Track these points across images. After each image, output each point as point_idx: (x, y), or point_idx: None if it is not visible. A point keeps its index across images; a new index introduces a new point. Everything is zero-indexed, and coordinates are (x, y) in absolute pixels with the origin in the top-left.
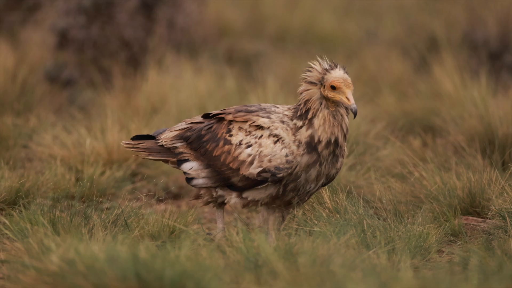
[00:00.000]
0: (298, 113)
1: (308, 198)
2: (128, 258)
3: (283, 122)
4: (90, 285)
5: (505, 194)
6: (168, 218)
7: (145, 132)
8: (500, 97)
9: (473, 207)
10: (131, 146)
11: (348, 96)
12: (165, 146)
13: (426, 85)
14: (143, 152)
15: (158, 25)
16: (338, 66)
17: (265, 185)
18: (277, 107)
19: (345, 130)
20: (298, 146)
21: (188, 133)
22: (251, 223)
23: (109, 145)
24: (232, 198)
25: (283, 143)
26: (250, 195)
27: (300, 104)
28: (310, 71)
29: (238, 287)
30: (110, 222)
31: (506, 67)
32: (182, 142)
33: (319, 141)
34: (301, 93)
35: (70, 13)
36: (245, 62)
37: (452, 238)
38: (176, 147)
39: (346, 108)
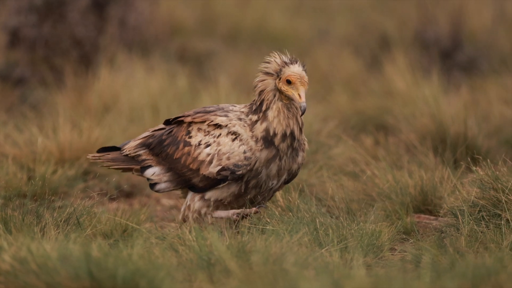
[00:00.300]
0: (254, 107)
1: (271, 196)
2: (80, 257)
3: (240, 119)
4: (43, 284)
5: (457, 192)
6: (121, 217)
7: (97, 131)
8: (451, 96)
9: (425, 205)
10: (96, 158)
11: (300, 93)
12: (129, 155)
13: (378, 84)
14: (108, 163)
15: (110, 24)
16: (298, 62)
17: (226, 183)
18: (235, 106)
19: (300, 123)
20: (256, 142)
21: (150, 140)
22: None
23: (61, 144)
24: (196, 203)
25: (241, 140)
26: (213, 195)
27: (255, 98)
28: (269, 62)
29: (191, 285)
30: (63, 221)
31: (458, 66)
32: (144, 149)
33: (275, 134)
34: (257, 85)
35: (21, 11)
36: (197, 61)
37: (404, 236)
38: (139, 155)
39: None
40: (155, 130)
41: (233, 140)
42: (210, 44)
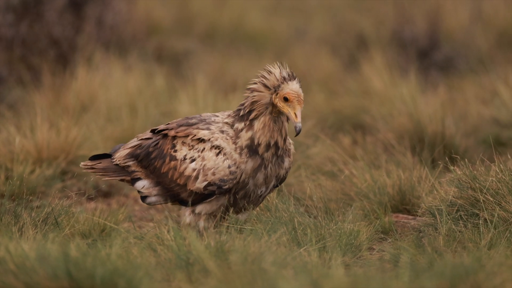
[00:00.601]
0: (241, 113)
1: (261, 202)
2: (58, 257)
3: (222, 131)
4: (21, 284)
5: (435, 192)
6: (99, 216)
7: (74, 130)
8: (429, 95)
9: (403, 204)
10: (88, 167)
11: (296, 113)
12: (119, 165)
13: (355, 83)
14: (100, 173)
15: (87, 23)
16: (296, 79)
17: (214, 197)
18: (217, 116)
19: (283, 134)
20: (240, 154)
21: (138, 151)
22: (182, 221)
23: (39, 143)
24: (187, 217)
25: (225, 154)
26: (203, 209)
27: (244, 104)
28: (268, 74)
29: (169, 285)
30: (41, 221)
31: (435, 65)
32: (133, 160)
33: (259, 144)
34: (252, 92)
35: None
36: (174, 60)
37: (382, 235)
38: (129, 166)
39: (288, 118)
40: (142, 139)
41: (217, 154)
42: (188, 44)
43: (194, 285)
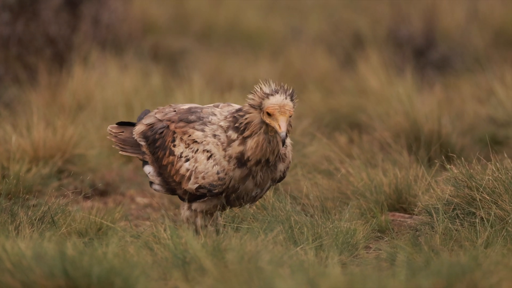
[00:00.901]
0: (236, 125)
1: (257, 200)
2: (55, 255)
3: (215, 136)
4: (18, 282)
5: (431, 190)
6: (95, 215)
7: (71, 129)
8: (425, 94)
9: (400, 203)
10: (112, 134)
11: (280, 123)
12: (136, 140)
13: (351, 82)
14: (120, 146)
15: (83, 22)
16: (280, 92)
17: (207, 198)
18: (215, 114)
19: (276, 153)
20: (228, 162)
21: (149, 133)
22: (178, 220)
23: (35, 142)
24: (185, 212)
25: (214, 160)
26: (198, 207)
27: (241, 119)
28: (253, 95)
29: (166, 284)
30: (37, 219)
31: (431, 64)
32: (144, 141)
33: (248, 159)
34: (244, 114)
35: None
36: (170, 59)
37: (379, 234)
38: (141, 145)
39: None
40: (157, 118)
41: (208, 158)
42: (184, 42)
43: (191, 284)
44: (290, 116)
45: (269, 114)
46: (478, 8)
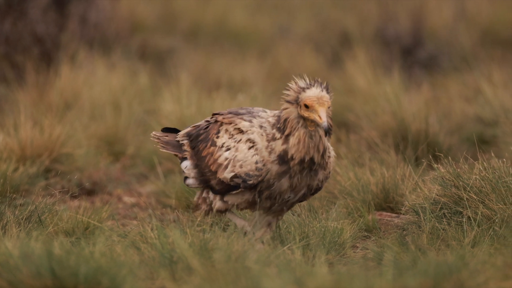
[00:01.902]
0: (278, 125)
1: (289, 208)
2: (42, 255)
3: (261, 127)
4: (4, 282)
5: (419, 190)
6: (82, 215)
7: (58, 128)
8: (413, 93)
9: (387, 202)
10: (156, 137)
11: (320, 114)
12: (179, 142)
13: (339, 81)
14: (162, 145)
15: (71, 21)
16: (315, 85)
17: (239, 190)
18: (266, 111)
19: (321, 150)
20: (270, 153)
21: (193, 131)
22: (165, 219)
23: (22, 141)
24: (217, 202)
25: (256, 149)
26: (230, 199)
27: (281, 118)
28: (288, 91)
29: (153, 283)
30: (24, 219)
31: (419, 63)
32: (187, 139)
33: (292, 158)
34: (281, 111)
35: None
36: (158, 58)
37: (366, 233)
38: (183, 144)
39: (327, 130)
40: (206, 120)
41: (249, 148)
42: (171, 41)
43: (178, 283)
44: (329, 108)
45: (307, 107)
46: (466, 7)
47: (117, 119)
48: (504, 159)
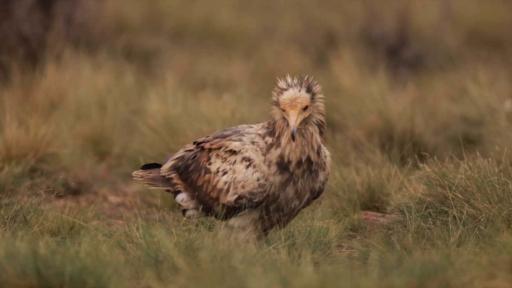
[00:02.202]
0: (270, 129)
1: (295, 215)
2: (27, 254)
3: (253, 142)
4: None
5: (404, 189)
6: (68, 214)
7: (43, 128)
8: (398, 92)
9: (373, 202)
10: (139, 176)
11: (290, 118)
12: (165, 176)
13: (325, 81)
14: (149, 183)
15: (56, 21)
16: (294, 85)
17: (245, 211)
18: (252, 127)
19: (315, 147)
20: (269, 166)
21: (180, 163)
22: (151, 219)
23: (8, 141)
24: (221, 230)
25: (254, 167)
26: (235, 222)
27: (270, 121)
28: (273, 91)
29: (138, 283)
30: (9, 218)
31: (404, 63)
32: (175, 172)
33: (289, 161)
34: (271, 112)
35: None
36: (144, 58)
37: (351, 233)
38: (171, 178)
39: (318, 125)
40: (186, 151)
41: (247, 167)
42: (157, 41)
43: (163, 283)
44: (306, 108)
45: (283, 111)
46: (452, 7)
47: (102, 119)
48: (490, 159)
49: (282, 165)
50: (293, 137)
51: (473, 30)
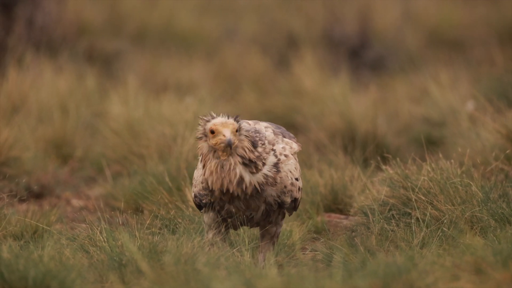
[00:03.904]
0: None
1: (271, 222)
2: None
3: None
4: None
5: (367, 191)
6: (31, 218)
7: (5, 132)
8: (360, 94)
9: (336, 204)
10: None
11: (224, 133)
12: None
13: (286, 83)
14: None
15: (17, 24)
16: (222, 115)
17: (204, 209)
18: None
19: (234, 180)
20: (202, 182)
21: None
22: (114, 222)
23: None
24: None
25: (201, 169)
26: (204, 218)
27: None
28: (197, 129)
29: (102, 286)
30: None
31: (366, 64)
32: None
33: (213, 190)
34: (198, 151)
35: None
36: (105, 61)
37: (315, 235)
38: None
39: (242, 157)
40: None
41: (201, 168)
42: (118, 44)
43: (127, 286)
44: (237, 131)
45: (212, 132)
46: (412, 8)
47: (64, 122)
48: (452, 160)
49: (208, 189)
50: (230, 146)
51: (434, 31)
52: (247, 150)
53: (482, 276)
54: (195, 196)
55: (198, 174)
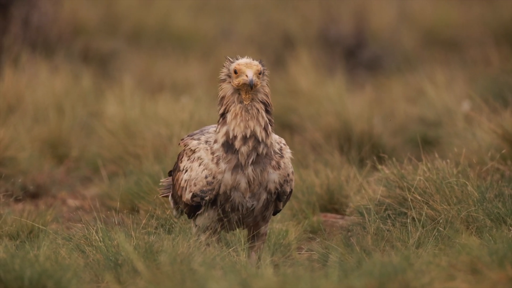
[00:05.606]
0: (218, 116)
1: (263, 219)
2: None
3: (207, 142)
4: None
5: (363, 191)
6: (27, 218)
7: (1, 132)
8: (356, 94)
9: (332, 204)
10: (162, 183)
11: (247, 74)
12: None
13: (282, 82)
14: (162, 190)
15: (13, 24)
16: (246, 57)
17: (203, 209)
18: (214, 126)
19: (263, 124)
20: (217, 164)
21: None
22: (110, 222)
23: None
24: (193, 229)
25: (204, 165)
26: (199, 221)
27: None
28: (221, 71)
29: (98, 286)
30: None
31: (362, 64)
32: (169, 174)
33: (235, 137)
34: (219, 94)
35: None
36: (101, 61)
37: (311, 235)
38: (170, 181)
39: (264, 104)
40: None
41: (199, 165)
42: (114, 44)
43: (123, 286)
44: (261, 73)
45: (236, 73)
46: (408, 8)
47: (60, 122)
48: (448, 160)
49: (229, 143)
50: (251, 86)
51: (429, 31)
52: (269, 96)
53: (478, 276)
54: (195, 196)
55: (199, 170)
